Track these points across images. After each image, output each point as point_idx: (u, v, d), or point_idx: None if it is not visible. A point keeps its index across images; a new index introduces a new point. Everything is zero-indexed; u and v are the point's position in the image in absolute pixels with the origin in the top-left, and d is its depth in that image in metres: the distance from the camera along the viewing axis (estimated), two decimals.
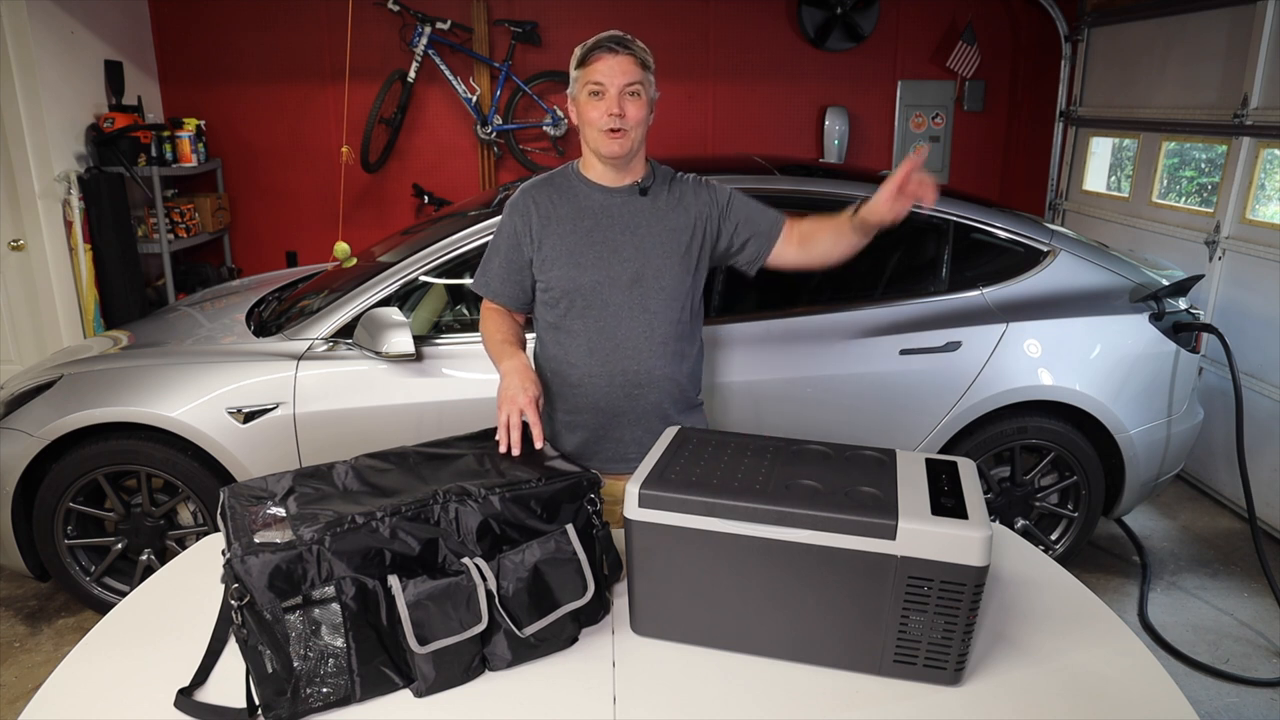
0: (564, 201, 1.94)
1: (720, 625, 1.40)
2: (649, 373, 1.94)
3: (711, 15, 5.47)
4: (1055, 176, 5.43)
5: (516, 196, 1.99)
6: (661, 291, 1.92)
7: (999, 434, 3.02)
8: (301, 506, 1.36)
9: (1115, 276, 3.14)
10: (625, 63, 1.82)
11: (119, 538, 2.93)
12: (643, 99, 1.85)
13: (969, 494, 1.35)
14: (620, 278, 1.90)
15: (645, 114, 1.87)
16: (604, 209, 1.92)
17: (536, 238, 1.93)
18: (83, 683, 1.35)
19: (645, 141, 1.91)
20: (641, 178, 1.95)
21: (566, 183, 1.97)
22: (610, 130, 1.83)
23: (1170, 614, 3.14)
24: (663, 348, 1.94)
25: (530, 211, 1.94)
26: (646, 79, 1.86)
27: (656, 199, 1.94)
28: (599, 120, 1.83)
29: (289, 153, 5.49)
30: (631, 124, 1.84)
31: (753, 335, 2.92)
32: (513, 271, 1.98)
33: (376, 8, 5.12)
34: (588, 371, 1.94)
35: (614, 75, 1.81)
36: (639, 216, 1.92)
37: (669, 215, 1.94)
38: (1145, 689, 1.34)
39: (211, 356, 2.84)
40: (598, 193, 1.93)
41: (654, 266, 1.91)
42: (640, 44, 1.87)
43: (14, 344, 4.72)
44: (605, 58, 1.82)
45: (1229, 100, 3.90)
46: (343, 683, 1.28)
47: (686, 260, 1.94)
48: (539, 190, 1.97)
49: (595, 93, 1.83)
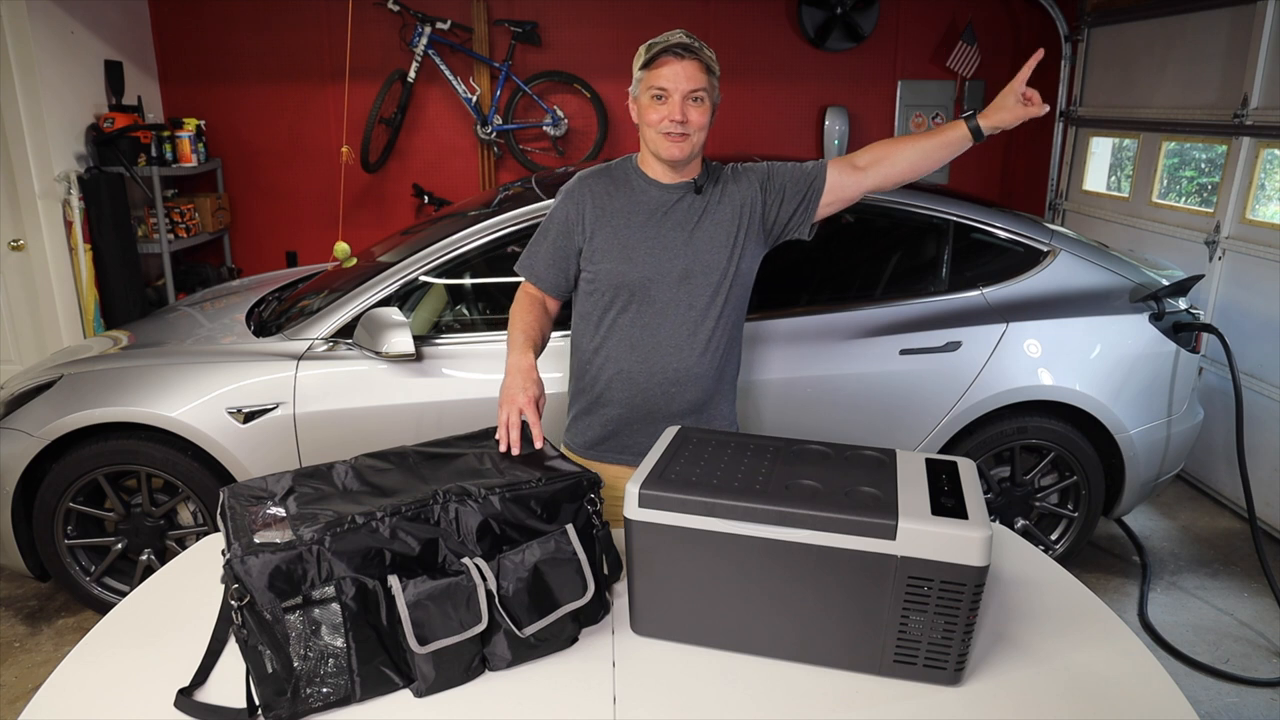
0: (620, 194, 1.93)
1: (720, 625, 1.40)
2: (688, 370, 1.93)
3: (711, 15, 5.47)
4: (1055, 176, 5.44)
5: (573, 184, 1.98)
6: (708, 288, 1.91)
7: (999, 434, 3.02)
8: (301, 506, 1.36)
9: (1115, 276, 3.14)
10: (691, 68, 1.80)
11: (119, 538, 2.93)
12: (706, 104, 1.84)
13: (969, 494, 1.35)
14: (669, 274, 1.89)
15: (708, 120, 1.86)
16: (660, 205, 1.92)
17: (590, 228, 1.92)
18: (83, 683, 1.35)
19: (705, 144, 1.91)
20: (697, 175, 1.94)
21: (625, 176, 1.96)
22: (670, 135, 1.82)
23: (1170, 614, 3.13)
24: (705, 346, 1.93)
25: (585, 200, 1.93)
26: (711, 84, 1.84)
27: (709, 196, 1.94)
28: (660, 124, 1.82)
29: (289, 153, 5.49)
30: (694, 129, 1.83)
31: (752, 335, 2.91)
32: (560, 258, 1.96)
33: (376, 8, 5.12)
34: (625, 366, 1.94)
35: (679, 81, 1.79)
36: (692, 213, 1.92)
37: (718, 210, 1.93)
38: (1145, 689, 1.34)
39: (211, 356, 2.84)
40: (654, 189, 1.93)
41: (703, 263, 1.90)
42: (708, 49, 1.84)
43: (14, 344, 4.72)
44: (671, 62, 1.80)
45: (1229, 100, 3.90)
46: (343, 683, 1.28)
47: (734, 253, 1.93)
48: (596, 180, 1.96)
49: (658, 97, 1.82)
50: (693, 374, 1.94)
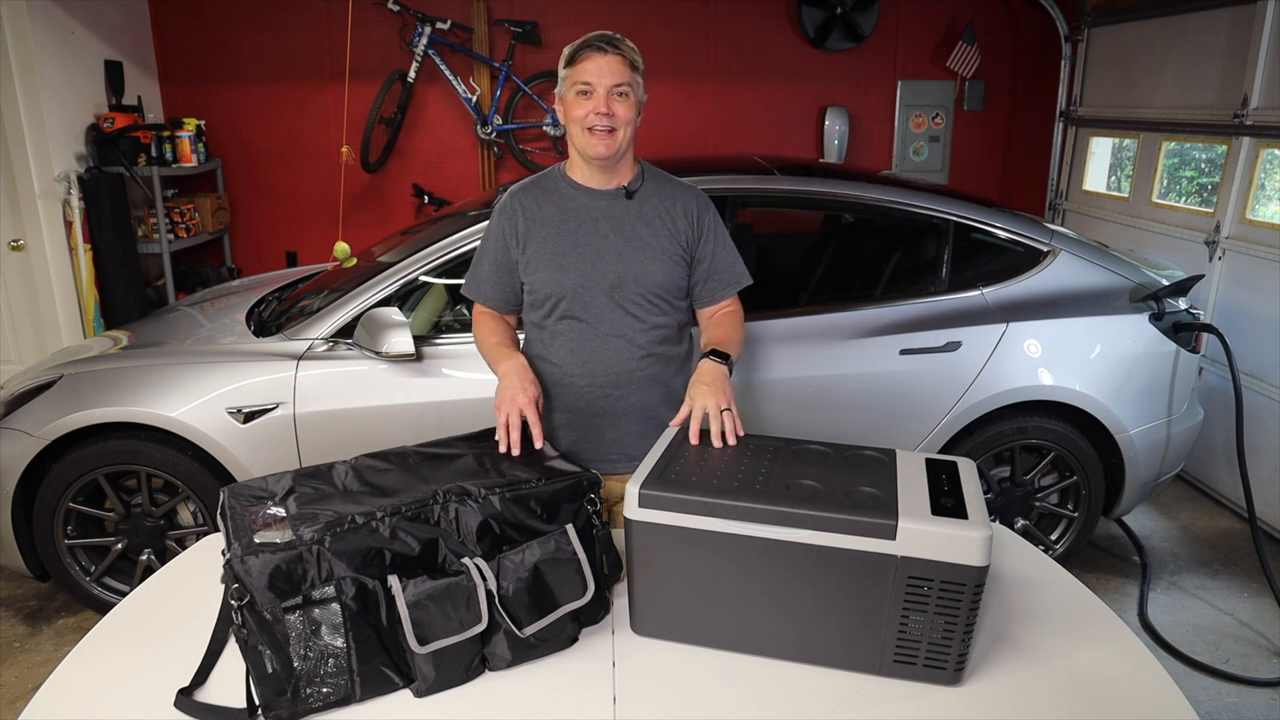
0: (549, 204, 1.93)
1: (720, 625, 1.40)
2: (630, 374, 1.94)
3: (711, 15, 5.47)
4: (1055, 176, 5.44)
5: (505, 199, 1.98)
6: (643, 295, 1.91)
7: (999, 434, 3.02)
8: (301, 506, 1.36)
9: (1115, 276, 3.14)
10: (614, 63, 1.81)
11: (119, 538, 2.93)
12: (631, 100, 1.84)
13: (969, 494, 1.35)
14: (602, 280, 1.89)
15: (633, 115, 1.85)
16: (588, 211, 1.92)
17: (522, 240, 1.93)
18: (83, 683, 1.35)
19: (633, 143, 1.91)
20: (629, 181, 1.94)
21: (553, 185, 1.96)
22: (596, 130, 1.82)
23: (1170, 614, 3.13)
24: (645, 350, 1.94)
25: (517, 214, 1.94)
26: (635, 80, 1.84)
27: (644, 203, 1.93)
28: (585, 119, 1.82)
29: (289, 153, 5.49)
30: (619, 124, 1.83)
31: (752, 335, 2.91)
32: (502, 275, 1.98)
33: (376, 8, 5.12)
34: (569, 372, 1.94)
35: (602, 75, 1.80)
36: (624, 220, 1.91)
37: (656, 219, 1.93)
38: (1145, 689, 1.34)
39: (211, 356, 2.84)
40: (582, 195, 1.93)
41: (634, 271, 1.90)
42: (630, 44, 1.86)
43: (14, 344, 4.72)
44: (594, 57, 1.81)
45: (1229, 100, 3.90)
46: (343, 683, 1.28)
47: (670, 264, 1.93)
48: (525, 193, 1.97)
49: (583, 92, 1.82)
50: (635, 378, 1.94)
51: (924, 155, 5.73)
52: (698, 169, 3.15)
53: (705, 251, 1.97)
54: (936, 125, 5.69)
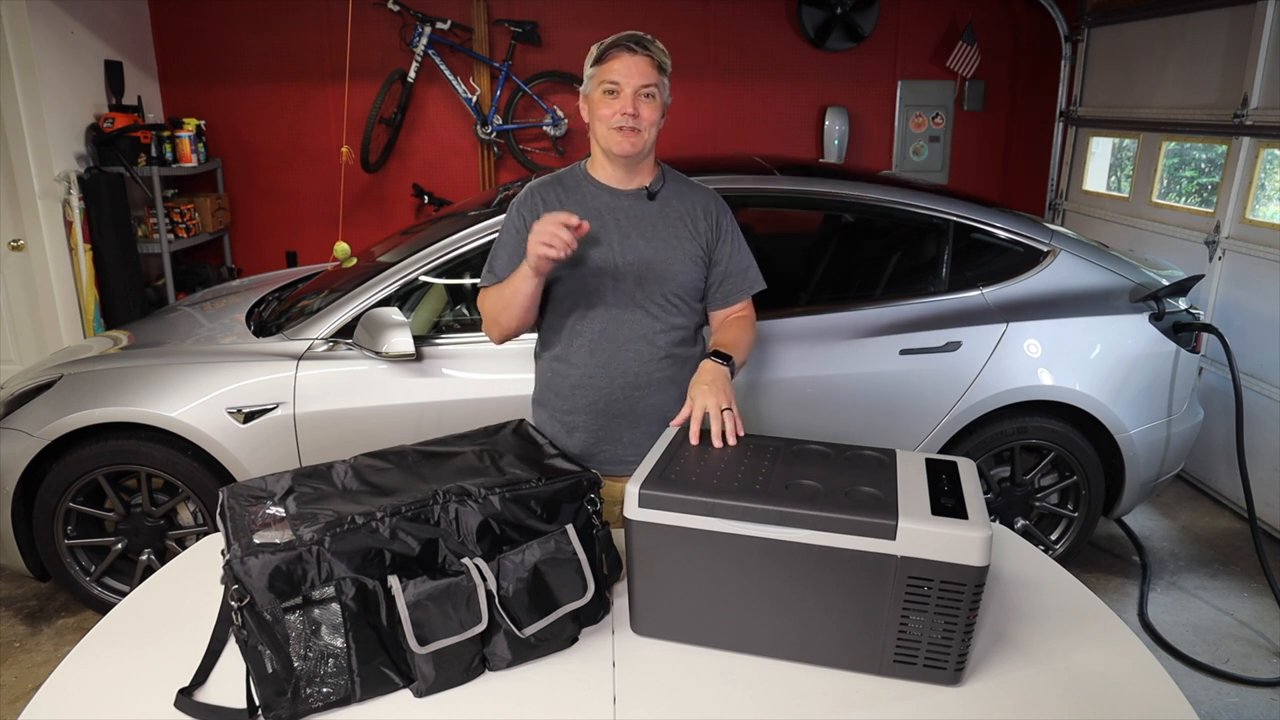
0: (571, 201, 1.92)
1: (720, 625, 1.40)
2: (649, 375, 1.93)
3: (711, 15, 5.47)
4: (1055, 176, 5.44)
5: (524, 194, 1.97)
6: (665, 296, 1.91)
7: (999, 434, 3.02)
8: (301, 506, 1.36)
9: (1115, 276, 3.14)
10: (642, 64, 1.81)
11: (119, 538, 2.93)
12: (657, 101, 1.84)
13: (969, 494, 1.35)
14: (623, 280, 1.89)
15: (658, 116, 1.86)
16: (610, 211, 1.91)
17: None
18: (83, 683, 1.35)
19: (656, 144, 1.91)
20: (650, 182, 1.94)
21: (574, 182, 1.96)
22: (622, 128, 1.82)
23: (1170, 614, 3.13)
24: (664, 350, 1.93)
25: (538, 207, 1.93)
26: (662, 82, 1.85)
27: (665, 204, 1.94)
28: (611, 118, 1.82)
29: (289, 153, 5.49)
30: (644, 124, 1.83)
31: None
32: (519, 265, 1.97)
33: (376, 8, 5.12)
34: (588, 372, 1.93)
35: (630, 75, 1.80)
36: (646, 221, 1.91)
37: (678, 220, 1.93)
38: (1145, 689, 1.34)
39: (211, 356, 2.84)
40: (605, 194, 1.92)
41: (658, 271, 1.90)
42: (660, 46, 1.85)
43: (14, 344, 4.72)
44: (623, 57, 1.81)
45: (1229, 100, 3.90)
46: (343, 683, 1.28)
47: (693, 265, 1.93)
48: (547, 189, 1.96)
49: (610, 91, 1.82)
50: (654, 379, 1.93)
51: (924, 155, 5.73)
52: (698, 169, 3.13)
53: (723, 254, 1.97)
54: (936, 125, 5.69)
